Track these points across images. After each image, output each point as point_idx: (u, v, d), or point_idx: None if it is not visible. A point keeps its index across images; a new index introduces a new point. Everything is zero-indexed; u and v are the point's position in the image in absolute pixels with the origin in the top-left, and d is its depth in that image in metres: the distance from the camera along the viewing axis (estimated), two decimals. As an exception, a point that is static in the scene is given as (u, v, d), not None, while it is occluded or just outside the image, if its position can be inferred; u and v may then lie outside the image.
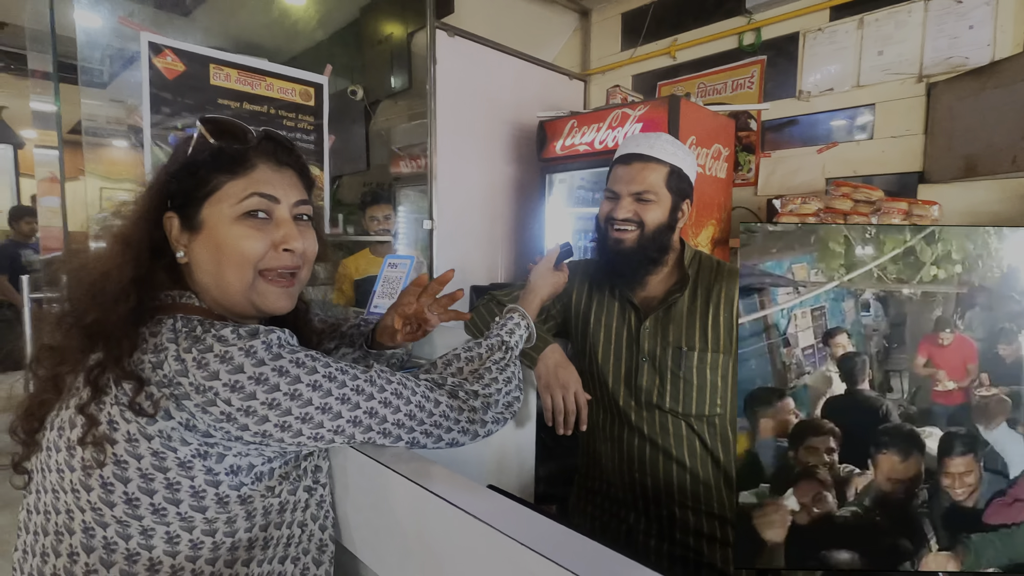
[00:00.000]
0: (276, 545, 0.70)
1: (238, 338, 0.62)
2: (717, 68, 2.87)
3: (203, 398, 0.60)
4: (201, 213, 0.70)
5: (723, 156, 2.54)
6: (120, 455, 0.60)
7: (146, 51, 1.78)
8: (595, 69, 3.42)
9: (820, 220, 2.23)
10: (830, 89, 2.46)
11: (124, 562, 0.61)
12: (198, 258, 0.71)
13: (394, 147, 3.55)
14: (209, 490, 0.63)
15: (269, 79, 2.09)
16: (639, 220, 1.08)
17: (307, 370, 0.65)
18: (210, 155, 0.71)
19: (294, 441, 0.65)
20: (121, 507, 0.61)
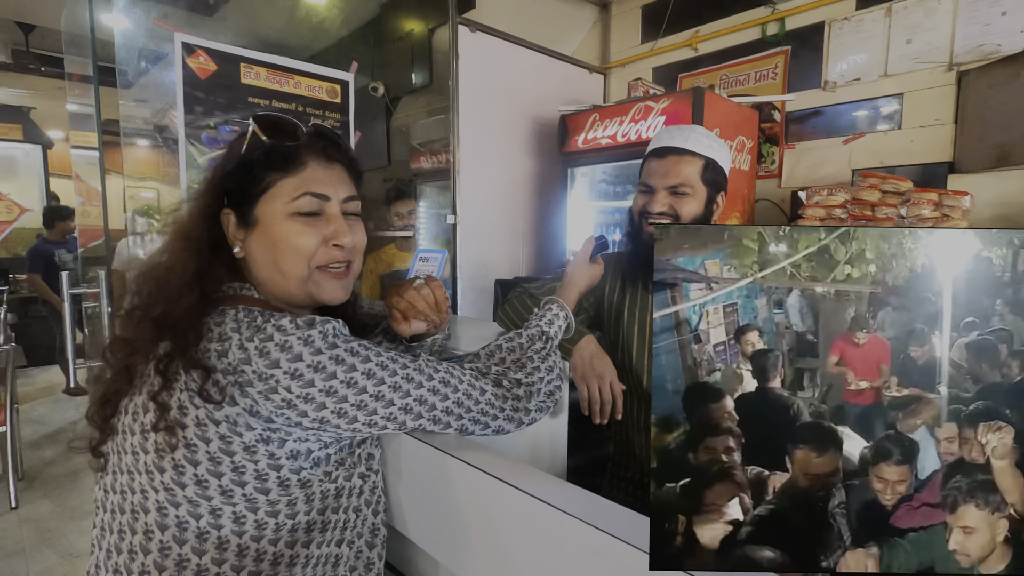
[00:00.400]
0: (333, 528, 0.73)
1: (296, 328, 0.65)
2: (740, 59, 2.85)
3: (265, 385, 0.63)
4: (256, 210, 0.73)
5: (747, 148, 2.53)
6: (190, 439, 0.64)
7: (180, 51, 1.82)
8: (615, 62, 3.41)
9: (847, 211, 2.21)
10: (857, 79, 2.43)
11: (195, 540, 0.64)
12: (254, 253, 0.74)
13: (414, 143, 3.58)
14: (271, 473, 0.66)
15: (297, 77, 2.12)
16: (674, 213, 1.09)
17: (361, 359, 0.68)
18: (263, 153, 0.73)
19: (350, 427, 0.68)
20: (192, 488, 0.64)
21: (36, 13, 4.09)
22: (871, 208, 2.15)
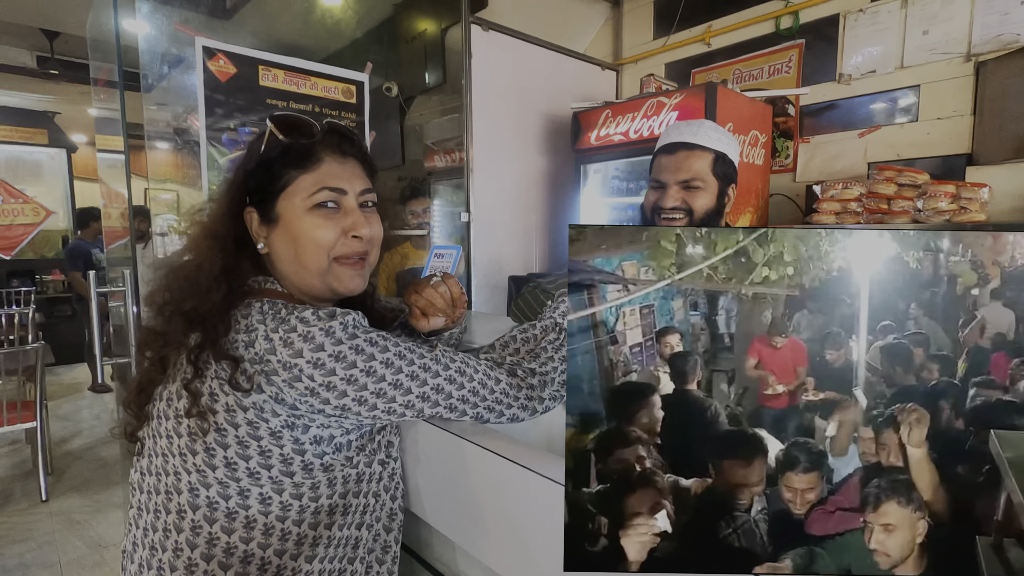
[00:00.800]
0: (354, 512, 0.76)
1: (318, 319, 0.68)
2: (753, 53, 2.84)
3: (289, 374, 0.66)
4: (277, 207, 0.76)
5: (760, 142, 2.52)
6: (221, 424, 0.68)
7: (200, 55, 1.87)
8: (627, 58, 3.41)
9: (862, 205, 2.20)
10: (872, 71, 2.41)
11: (225, 519, 0.68)
12: (277, 248, 0.77)
13: (428, 142, 3.61)
14: (296, 458, 0.69)
15: (313, 78, 2.16)
16: (688, 207, 1.11)
17: (380, 348, 0.70)
18: (281, 152, 0.77)
19: (370, 414, 0.71)
20: (222, 470, 0.68)
21: (60, 20, 4.19)
22: (887, 202, 2.14)
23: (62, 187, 6.12)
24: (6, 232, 5.62)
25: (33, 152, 5.94)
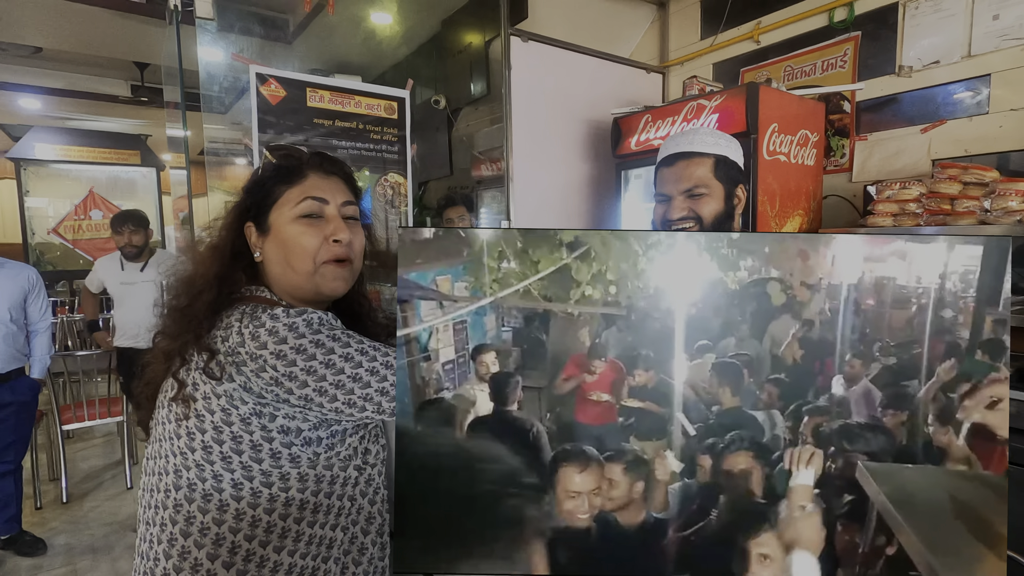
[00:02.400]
0: (327, 512, 0.81)
1: (287, 316, 0.75)
2: (806, 49, 2.71)
3: (256, 364, 0.73)
4: (269, 219, 0.86)
5: (811, 142, 2.40)
6: (200, 411, 0.76)
7: (254, 81, 2.02)
8: (674, 60, 3.34)
9: (923, 206, 2.05)
10: (935, 62, 2.25)
11: (201, 500, 0.75)
12: (269, 255, 0.86)
13: (475, 151, 3.69)
14: (264, 445, 0.76)
15: (357, 97, 2.28)
16: (696, 215, 1.09)
17: (341, 344, 0.76)
18: (273, 170, 0.88)
19: (331, 406, 0.75)
20: (200, 453, 0.75)
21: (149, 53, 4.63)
22: (950, 202, 1.98)
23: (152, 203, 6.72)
24: (104, 244, 6.24)
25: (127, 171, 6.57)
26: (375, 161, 2.38)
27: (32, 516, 3.11)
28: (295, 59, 3.69)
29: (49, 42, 4.44)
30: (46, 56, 5.00)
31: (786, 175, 2.30)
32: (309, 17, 3.36)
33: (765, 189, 2.23)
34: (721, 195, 1.10)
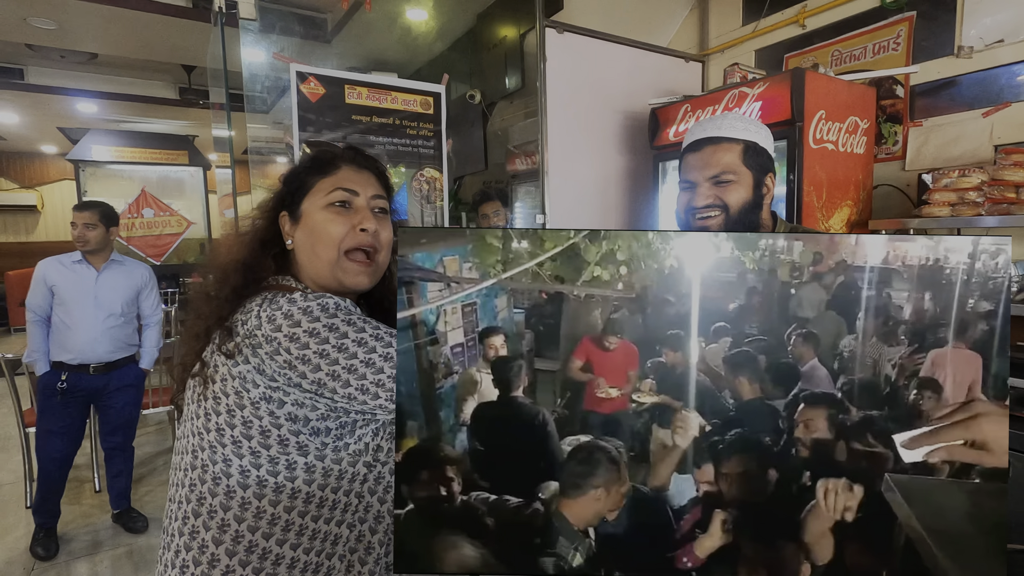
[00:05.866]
0: (332, 508, 0.81)
1: (304, 300, 0.76)
2: (855, 32, 2.59)
3: (270, 347, 0.74)
4: (301, 207, 0.88)
5: (861, 129, 2.29)
6: (217, 392, 0.78)
7: (294, 79, 2.06)
8: (714, 48, 3.25)
9: (984, 195, 1.93)
10: (999, 41, 2.11)
11: (211, 483, 0.78)
12: (299, 242, 0.88)
13: (510, 146, 3.68)
14: (272, 431, 0.77)
15: (394, 93, 2.30)
16: (722, 203, 1.05)
17: (355, 329, 0.75)
18: (308, 161, 0.91)
19: (344, 392, 0.74)
20: (214, 434, 0.77)
21: (195, 56, 4.80)
22: (1015, 189, 1.86)
23: (200, 201, 6.99)
24: (156, 241, 6.53)
25: (176, 171, 6.84)
26: (411, 156, 2.40)
27: (91, 499, 3.29)
28: (333, 57, 3.76)
29: (104, 48, 4.66)
30: (101, 62, 5.25)
31: (834, 164, 2.21)
32: (347, 15, 3.41)
33: (811, 179, 2.14)
34: (749, 183, 1.05)
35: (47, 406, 2.67)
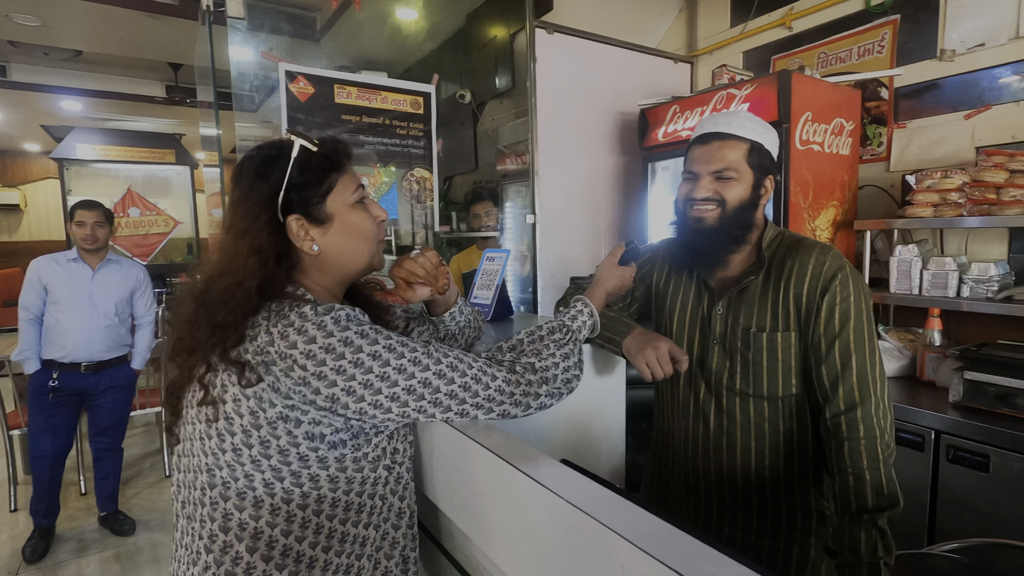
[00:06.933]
0: (359, 511, 0.82)
1: (315, 314, 0.75)
2: (840, 34, 2.63)
3: (284, 364, 0.73)
4: (327, 208, 0.84)
5: (846, 131, 2.33)
6: (229, 413, 0.76)
7: (283, 79, 2.05)
8: (702, 49, 3.28)
9: (965, 195, 1.97)
10: (980, 45, 2.15)
11: (236, 498, 0.77)
12: (333, 244, 0.85)
13: (500, 145, 3.69)
14: (291, 450, 0.76)
15: (384, 92, 2.30)
16: (720, 198, 1.07)
17: (369, 341, 0.75)
18: (322, 158, 0.85)
19: (357, 407, 0.74)
20: (230, 454, 0.76)
21: (182, 54, 4.75)
22: (995, 191, 1.90)
23: (187, 200, 6.91)
24: (143, 241, 6.45)
25: (163, 170, 6.76)
26: (401, 156, 2.39)
27: (77, 501, 3.25)
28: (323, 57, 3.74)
29: (89, 45, 4.60)
30: (86, 59, 5.18)
31: (820, 165, 2.24)
32: (336, 14, 3.39)
33: (798, 179, 2.17)
34: (749, 182, 1.07)
35: (38, 405, 2.64)
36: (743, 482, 1.12)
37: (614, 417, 1.28)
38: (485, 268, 1.57)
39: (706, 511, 1.17)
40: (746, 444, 1.11)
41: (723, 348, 1.12)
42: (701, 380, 1.15)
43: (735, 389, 1.10)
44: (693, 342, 1.17)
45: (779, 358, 1.06)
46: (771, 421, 1.09)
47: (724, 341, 1.12)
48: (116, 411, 2.84)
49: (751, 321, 1.08)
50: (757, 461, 1.11)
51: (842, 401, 0.99)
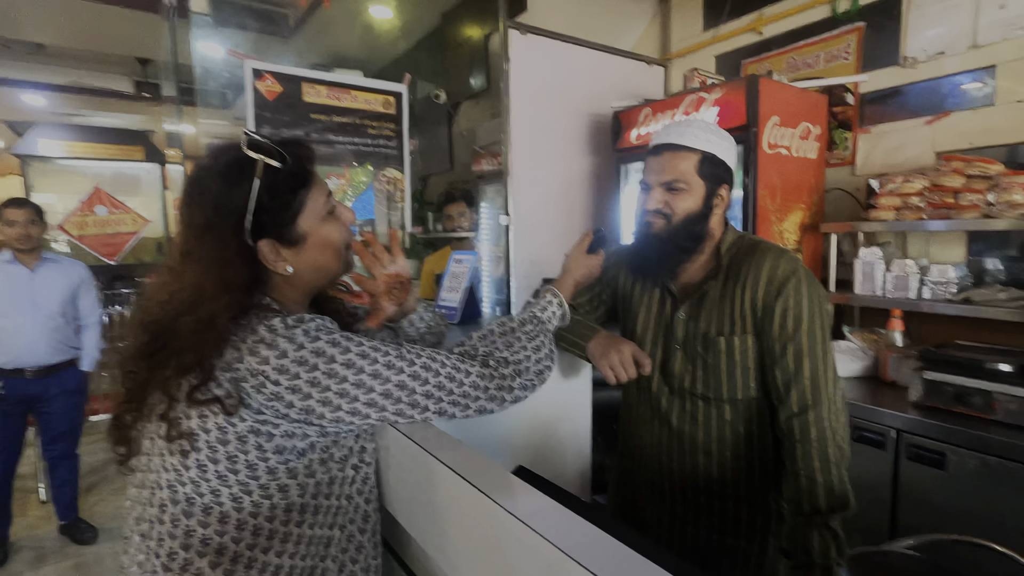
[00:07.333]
0: (325, 513, 0.80)
1: (285, 327, 0.72)
2: (809, 40, 2.67)
3: (256, 380, 0.71)
4: (299, 228, 0.79)
5: (813, 135, 2.37)
6: (193, 428, 0.72)
7: (250, 77, 2.01)
8: (675, 53, 3.31)
9: (926, 199, 2.02)
10: (940, 53, 2.21)
11: (201, 514, 0.74)
12: (307, 262, 0.82)
13: (475, 146, 3.68)
14: (260, 464, 0.74)
15: (354, 92, 2.27)
16: (668, 212, 1.08)
17: (341, 350, 0.73)
18: (291, 177, 0.78)
19: (334, 416, 0.73)
20: (194, 471, 0.73)
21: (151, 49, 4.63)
22: (953, 195, 1.95)
23: (157, 199, 6.74)
24: (111, 240, 6.27)
25: (132, 168, 6.59)
26: (373, 157, 2.37)
27: (37, 509, 3.14)
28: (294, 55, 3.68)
29: (51, 38, 4.46)
30: (49, 52, 5.02)
31: (787, 168, 2.27)
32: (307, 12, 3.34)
33: (766, 183, 2.20)
34: (701, 194, 1.08)
35: None
36: (705, 484, 1.13)
37: (580, 420, 1.28)
38: (453, 270, 1.56)
39: (671, 511, 1.18)
40: (708, 447, 1.12)
41: (685, 353, 1.13)
42: (664, 384, 1.16)
43: (697, 393, 1.11)
44: (657, 346, 1.17)
45: (737, 361, 1.07)
46: (732, 424, 1.10)
47: (686, 346, 1.12)
48: (68, 417, 2.74)
49: (710, 325, 1.09)
50: (719, 463, 1.12)
51: (795, 404, 1.01)
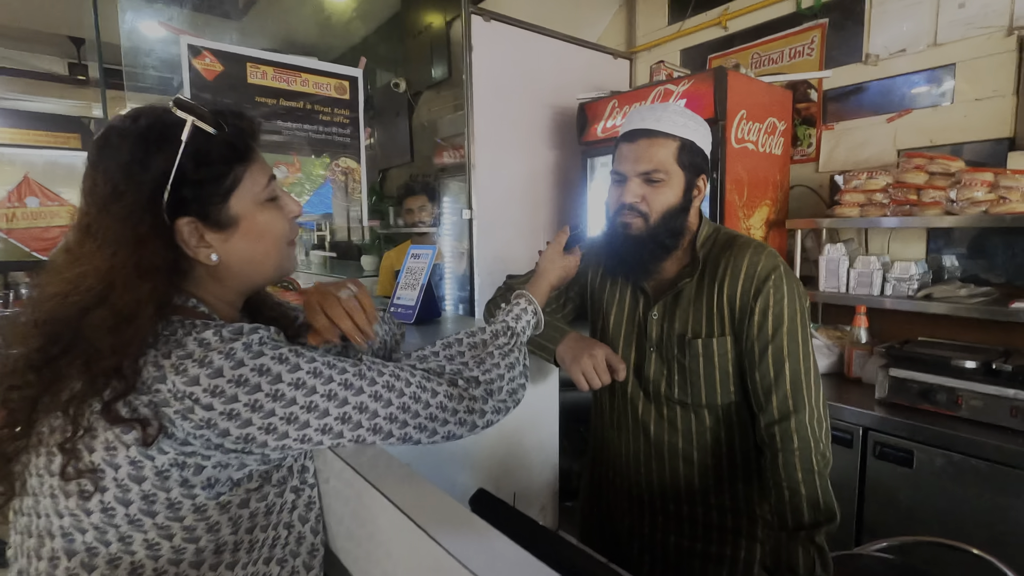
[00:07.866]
0: (261, 547, 0.68)
1: (220, 341, 0.60)
2: (773, 36, 2.66)
3: (182, 405, 0.58)
4: (230, 209, 0.67)
5: (779, 131, 2.35)
6: (97, 463, 0.59)
7: (185, 53, 1.84)
8: (641, 46, 3.26)
9: (889, 196, 2.02)
10: (902, 50, 2.22)
11: (106, 566, 0.60)
12: (236, 252, 0.69)
13: (437, 138, 3.55)
14: (185, 502, 0.61)
15: (304, 75, 2.12)
16: (646, 210, 1.00)
17: (290, 367, 0.62)
18: (226, 146, 0.66)
19: (279, 444, 0.62)
20: (98, 515, 0.59)
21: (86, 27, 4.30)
22: (916, 192, 1.96)
23: (96, 190, 6.33)
24: (43, 234, 5.83)
25: (68, 156, 6.13)
26: (326, 145, 2.22)
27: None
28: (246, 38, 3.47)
29: (-30, 13, 4.08)
30: (-31, 29, 4.61)
31: (754, 164, 2.25)
32: (257, -9, 3.14)
33: (733, 178, 2.17)
34: (680, 185, 1.00)
35: None
36: (687, 493, 1.06)
37: (547, 428, 1.19)
38: (410, 266, 1.44)
39: (651, 521, 1.11)
40: (688, 455, 1.05)
41: (659, 355, 1.05)
42: (640, 389, 1.08)
43: (673, 398, 1.04)
44: (630, 348, 1.09)
45: (716, 364, 1.00)
46: (712, 431, 1.03)
47: (660, 348, 1.05)
48: None
49: (686, 327, 1.02)
50: (700, 471, 1.05)
51: (776, 410, 0.95)
